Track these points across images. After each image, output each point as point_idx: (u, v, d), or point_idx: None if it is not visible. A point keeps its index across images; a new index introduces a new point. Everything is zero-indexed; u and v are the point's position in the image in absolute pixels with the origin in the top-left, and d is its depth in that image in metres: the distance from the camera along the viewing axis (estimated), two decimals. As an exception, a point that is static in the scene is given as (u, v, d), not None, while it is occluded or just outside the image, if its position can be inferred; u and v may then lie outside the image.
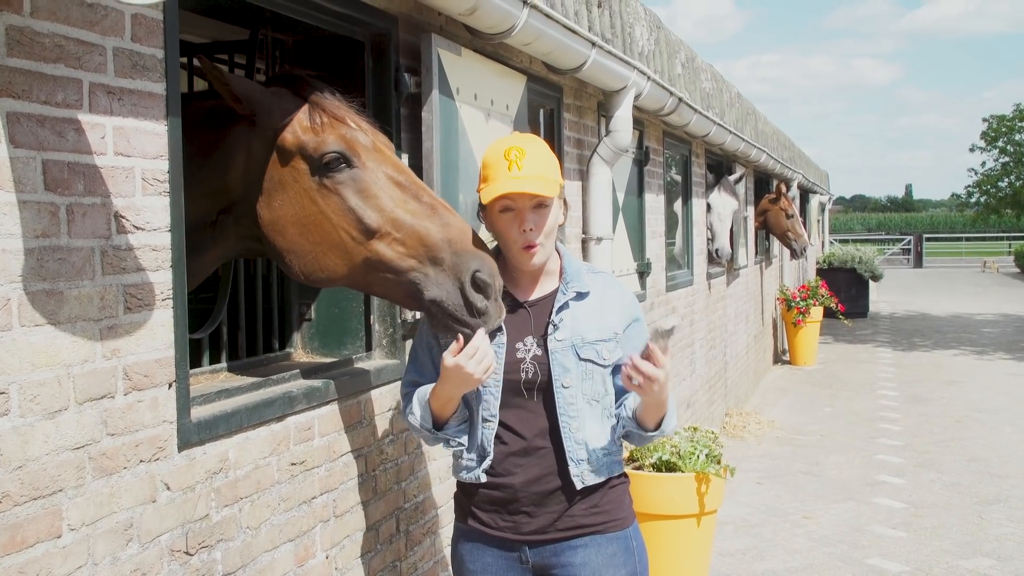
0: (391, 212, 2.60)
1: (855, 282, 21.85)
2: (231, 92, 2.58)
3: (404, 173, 2.69)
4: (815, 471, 8.57)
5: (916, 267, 43.87)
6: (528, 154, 2.66)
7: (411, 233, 2.59)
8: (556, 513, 2.73)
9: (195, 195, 2.66)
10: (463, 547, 2.85)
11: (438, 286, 2.60)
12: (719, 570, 6.06)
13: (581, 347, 2.73)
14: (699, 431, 5.37)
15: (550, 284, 2.81)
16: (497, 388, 2.72)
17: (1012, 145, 50.37)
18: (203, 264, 2.82)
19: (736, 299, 11.38)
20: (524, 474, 2.73)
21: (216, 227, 2.74)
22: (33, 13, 1.87)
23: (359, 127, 2.67)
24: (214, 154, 2.68)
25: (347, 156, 2.59)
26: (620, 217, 6.20)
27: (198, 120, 2.72)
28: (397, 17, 3.38)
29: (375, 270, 2.63)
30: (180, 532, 2.31)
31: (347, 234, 2.60)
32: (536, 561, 2.76)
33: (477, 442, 2.76)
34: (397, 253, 2.60)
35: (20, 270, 1.86)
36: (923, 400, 11.99)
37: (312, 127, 2.59)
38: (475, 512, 2.80)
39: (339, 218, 2.59)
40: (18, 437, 1.86)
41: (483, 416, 2.74)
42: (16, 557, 1.85)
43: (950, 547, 6.51)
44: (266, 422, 2.67)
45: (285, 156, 2.61)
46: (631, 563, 2.77)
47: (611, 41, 5.28)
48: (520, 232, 2.67)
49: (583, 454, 2.72)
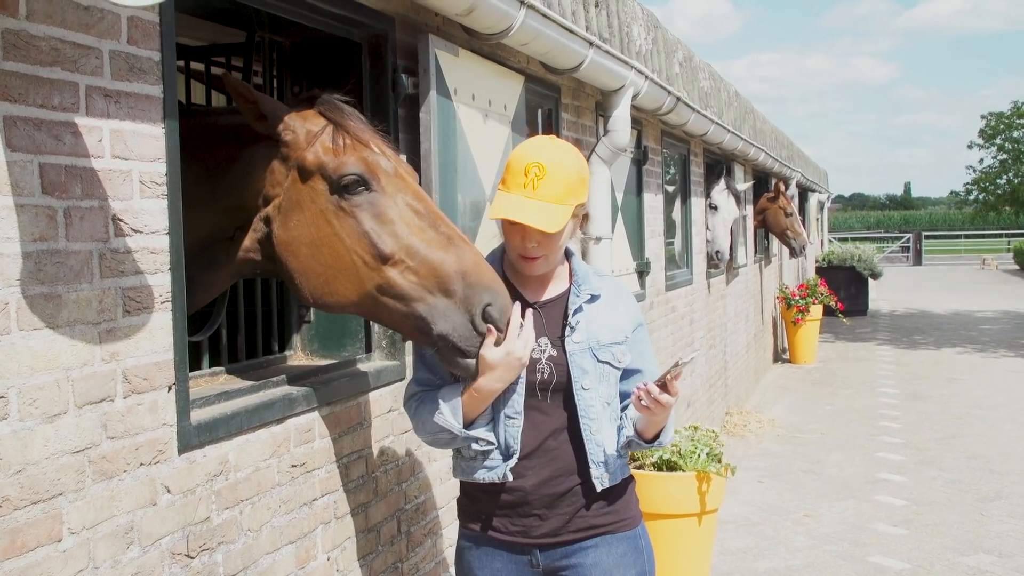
0: (406, 239, 2.56)
1: (854, 280, 21.86)
2: (257, 111, 2.56)
3: (423, 201, 2.65)
4: (816, 469, 8.57)
5: (915, 265, 43.88)
6: (548, 174, 2.61)
7: (424, 262, 2.55)
8: (568, 515, 2.72)
9: (214, 210, 2.66)
10: (470, 554, 2.80)
11: (446, 319, 2.55)
12: (721, 569, 6.06)
13: (598, 349, 2.73)
14: (700, 430, 5.37)
15: (560, 286, 2.80)
16: (521, 385, 2.69)
17: (1010, 142, 50.40)
18: (217, 279, 2.81)
19: (736, 298, 11.38)
20: (536, 476, 2.70)
21: (233, 243, 2.72)
22: (29, 16, 1.87)
23: (382, 152, 2.65)
24: (233, 169, 2.67)
25: (366, 179, 2.56)
26: (619, 217, 6.20)
27: (219, 135, 2.72)
28: (394, 18, 3.37)
29: (385, 298, 2.58)
30: (181, 535, 2.31)
31: (360, 258, 2.56)
32: (547, 564, 2.73)
33: (501, 440, 2.71)
34: (409, 282, 2.55)
35: (18, 274, 1.85)
36: (923, 398, 11.99)
37: (334, 148, 2.57)
38: (483, 517, 2.76)
39: (353, 241, 2.56)
40: (17, 441, 1.86)
41: (507, 414, 2.70)
42: (17, 561, 1.85)
43: (951, 544, 6.51)
44: (266, 424, 2.66)
45: (305, 176, 2.59)
46: (640, 562, 2.77)
47: (609, 41, 5.28)
48: (522, 243, 2.67)
49: (602, 456, 2.72)
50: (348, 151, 2.58)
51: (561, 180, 2.62)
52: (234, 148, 2.68)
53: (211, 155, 2.68)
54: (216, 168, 2.67)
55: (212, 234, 2.69)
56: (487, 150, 3.96)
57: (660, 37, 6.93)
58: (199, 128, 2.70)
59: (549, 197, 2.60)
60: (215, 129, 2.76)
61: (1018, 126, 50.55)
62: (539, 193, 2.59)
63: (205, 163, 2.65)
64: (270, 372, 3.08)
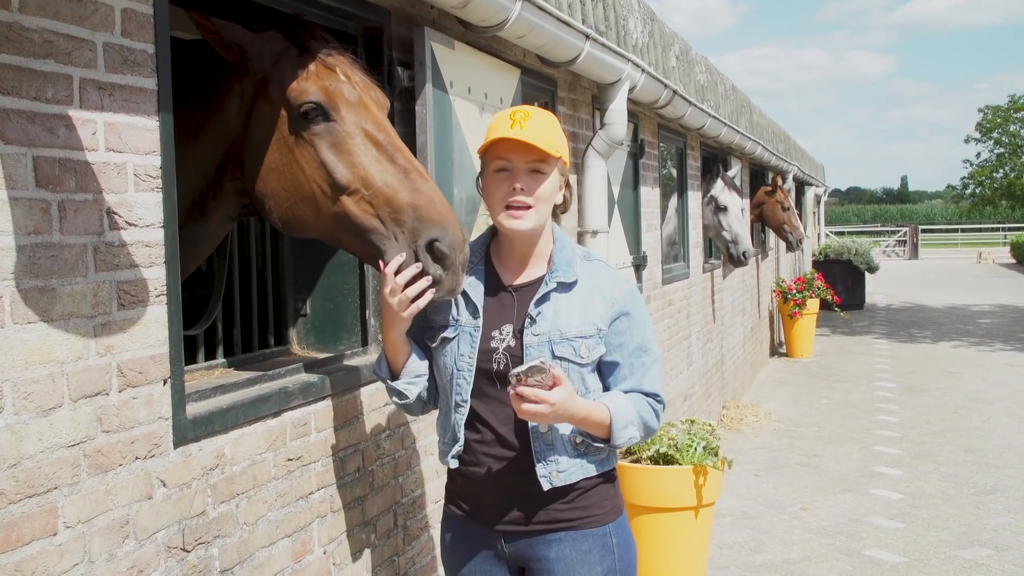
0: (362, 170, 2.56)
1: (851, 274, 21.86)
2: (221, 40, 2.56)
3: (385, 132, 2.63)
4: (812, 463, 8.58)
5: (912, 259, 43.91)
6: (534, 117, 2.62)
7: (378, 193, 2.55)
8: (525, 506, 2.66)
9: (196, 151, 2.67)
10: (447, 533, 2.84)
11: (396, 250, 2.56)
12: (717, 562, 6.07)
13: (558, 343, 2.62)
14: (696, 424, 5.37)
15: (538, 270, 2.72)
16: (469, 373, 2.66)
17: (1007, 136, 50.41)
18: (213, 228, 2.81)
19: (732, 292, 11.39)
20: (492, 465, 2.67)
21: (217, 186, 2.73)
22: (22, 8, 1.86)
23: (348, 79, 2.62)
24: (208, 101, 2.67)
25: (325, 108, 2.55)
26: (615, 210, 6.19)
27: (192, 75, 2.71)
28: (389, 10, 3.36)
29: (343, 226, 2.59)
30: (177, 529, 2.31)
31: (318, 187, 2.57)
32: (512, 552, 2.71)
33: (450, 426, 2.72)
34: (363, 211, 2.56)
35: (12, 267, 1.85)
36: (920, 391, 12.00)
37: (297, 74, 2.56)
38: (456, 500, 2.79)
39: (312, 170, 2.57)
40: (12, 435, 1.85)
41: (455, 401, 2.69)
42: (12, 555, 1.85)
43: (948, 537, 6.52)
44: (262, 418, 2.66)
45: (271, 103, 2.59)
46: (609, 559, 2.68)
47: (605, 34, 5.27)
48: (509, 190, 2.61)
49: (551, 455, 2.64)
50: (311, 78, 2.56)
51: (548, 125, 2.65)
52: (208, 85, 2.68)
53: (190, 97, 2.68)
54: (196, 109, 2.67)
55: (199, 181, 2.70)
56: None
57: (657, 30, 6.92)
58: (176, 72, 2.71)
59: (538, 138, 2.59)
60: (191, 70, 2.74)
61: (1015, 120, 50.56)
62: (527, 132, 2.58)
63: (186, 106, 2.65)
64: (266, 366, 3.08)
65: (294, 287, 3.48)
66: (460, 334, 2.68)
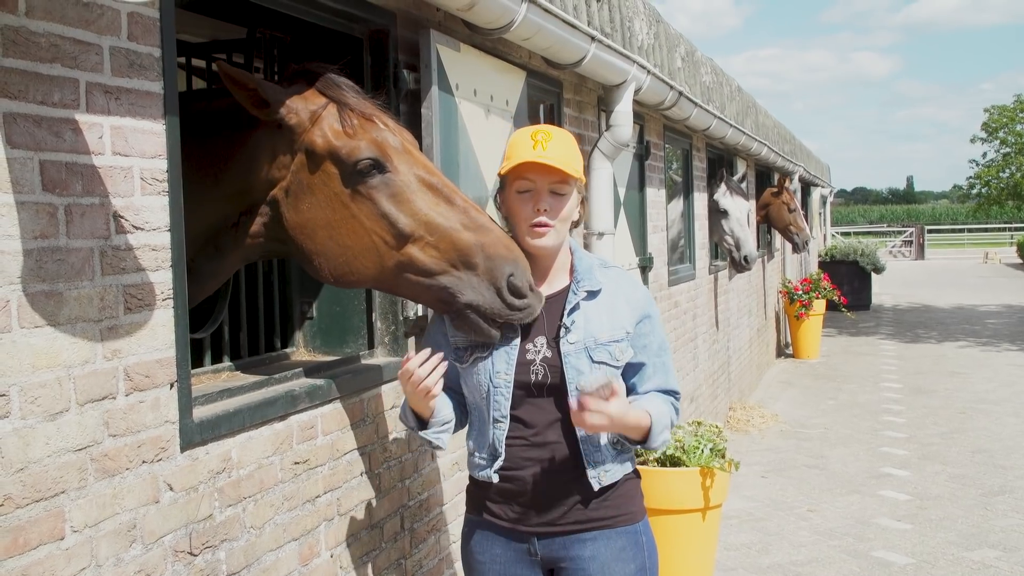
0: (425, 216, 2.59)
1: (857, 275, 21.83)
2: (257, 98, 2.54)
3: (435, 175, 2.67)
4: (819, 464, 8.56)
5: (918, 259, 43.81)
6: (555, 138, 2.68)
7: (444, 237, 2.59)
8: (566, 507, 2.73)
9: (218, 197, 2.65)
10: (473, 539, 2.85)
11: (474, 290, 2.59)
12: (725, 564, 6.05)
13: (594, 349, 2.71)
14: (703, 425, 5.36)
15: (560, 281, 2.80)
16: (507, 389, 2.71)
17: (1013, 136, 50.25)
18: (225, 266, 2.81)
19: (738, 293, 11.37)
20: (535, 467, 2.72)
21: (238, 228, 2.72)
22: (28, 13, 1.86)
23: (387, 127, 2.65)
24: (237, 155, 2.65)
25: (380, 162, 2.57)
26: (621, 212, 6.18)
27: (220, 120, 2.70)
28: (395, 13, 3.36)
29: (407, 273, 2.62)
30: (184, 532, 2.30)
31: (380, 239, 2.59)
32: (545, 553, 2.75)
33: (488, 441, 2.75)
34: (431, 257, 2.59)
35: (19, 271, 1.85)
36: (927, 392, 11.97)
37: (344, 130, 2.57)
38: (486, 504, 2.80)
39: (372, 223, 2.58)
40: (19, 439, 1.85)
41: (494, 417, 2.73)
42: (19, 559, 1.85)
43: (955, 539, 6.50)
44: (269, 421, 2.66)
45: (315, 159, 2.58)
46: (640, 557, 2.77)
47: (611, 35, 5.26)
48: (534, 211, 2.67)
49: (599, 456, 2.73)
50: (358, 133, 2.57)
51: (567, 146, 2.71)
52: (236, 133, 2.66)
53: (213, 141, 2.66)
54: (219, 154, 2.66)
55: (217, 221, 2.69)
56: (489, 145, 3.95)
57: (662, 32, 6.91)
58: (199, 114, 2.68)
59: (560, 159, 2.65)
60: (215, 115, 2.74)
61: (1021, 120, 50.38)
62: (549, 153, 2.64)
63: (207, 150, 2.64)
64: (272, 369, 3.08)
65: (300, 290, 3.47)
66: (494, 352, 2.72)
